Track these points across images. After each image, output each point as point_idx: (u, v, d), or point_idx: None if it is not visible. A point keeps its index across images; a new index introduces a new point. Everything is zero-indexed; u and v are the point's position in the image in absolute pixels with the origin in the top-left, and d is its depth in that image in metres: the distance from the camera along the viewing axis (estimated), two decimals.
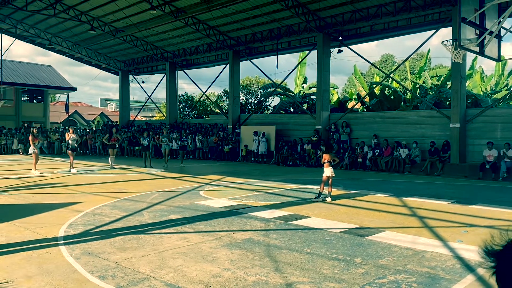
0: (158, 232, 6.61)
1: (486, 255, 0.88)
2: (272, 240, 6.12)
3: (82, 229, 6.70)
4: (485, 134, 16.26)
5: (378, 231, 6.72)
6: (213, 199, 9.79)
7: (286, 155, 20.65)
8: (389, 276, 4.64)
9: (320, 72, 21.00)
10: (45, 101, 36.62)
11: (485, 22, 9.97)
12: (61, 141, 28.11)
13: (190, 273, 4.65)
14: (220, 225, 7.13)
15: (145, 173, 15.77)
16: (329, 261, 5.14)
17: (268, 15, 21.03)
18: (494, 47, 10.46)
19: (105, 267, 4.83)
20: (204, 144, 23.95)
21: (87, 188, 11.47)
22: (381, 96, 24.89)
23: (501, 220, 7.75)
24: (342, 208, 8.81)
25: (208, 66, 29.86)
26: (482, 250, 0.88)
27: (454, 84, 16.87)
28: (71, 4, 23.22)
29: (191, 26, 23.04)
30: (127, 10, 22.92)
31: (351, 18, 19.26)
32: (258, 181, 13.54)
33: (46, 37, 28.83)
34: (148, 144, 18.73)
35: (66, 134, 16.92)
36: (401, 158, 17.32)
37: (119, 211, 8.18)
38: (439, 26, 17.88)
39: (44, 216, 7.77)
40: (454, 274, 4.70)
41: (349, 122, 20.59)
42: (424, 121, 18.40)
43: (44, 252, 5.42)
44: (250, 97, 36.66)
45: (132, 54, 30.75)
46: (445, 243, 6.03)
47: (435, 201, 9.85)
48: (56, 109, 47.23)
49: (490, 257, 0.88)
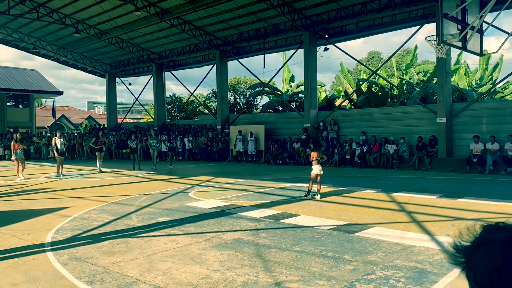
0: (146, 235, 6.57)
1: (455, 251, 0.89)
2: (261, 240, 6.12)
3: (70, 234, 6.63)
4: (471, 128, 16.44)
5: (367, 227, 6.76)
6: (203, 200, 9.76)
7: (276, 154, 20.68)
8: (377, 272, 4.67)
9: (307, 70, 21.05)
10: (31, 106, 36.15)
11: (467, 17, 10.08)
12: (48, 146, 27.79)
13: (179, 276, 4.63)
14: (210, 226, 7.11)
15: (133, 176, 15.67)
16: (318, 259, 5.16)
17: (254, 15, 21.02)
18: (476, 42, 10.59)
19: (93, 272, 4.79)
20: (193, 145, 23.87)
21: (75, 193, 11.36)
22: (368, 93, 25.04)
23: (487, 213, 7.84)
24: (331, 205, 8.85)
25: (195, 67, 29.75)
26: (451, 246, 0.89)
27: (440, 79, 17.03)
28: (54, 7, 22.97)
29: (177, 27, 22.94)
30: (111, 12, 22.73)
31: (337, 16, 19.34)
32: (248, 181, 13.53)
33: (30, 41, 28.48)
34: (136, 146, 18.61)
35: (54, 139, 16.70)
36: (389, 154, 17.45)
37: (107, 215, 8.11)
38: (423, 22, 18.05)
39: (31, 222, 7.68)
40: (442, 267, 4.75)
41: (337, 119, 20.68)
42: (411, 117, 18.55)
43: (30, 259, 5.36)
44: (238, 97, 36.62)
45: (118, 56, 30.51)
46: (432, 237, 6.08)
47: (423, 195, 9.94)
48: (43, 114, 46.68)
49: (460, 253, 0.88)
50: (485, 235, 0.85)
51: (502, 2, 11.96)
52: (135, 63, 30.69)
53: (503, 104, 17.56)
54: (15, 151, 15.12)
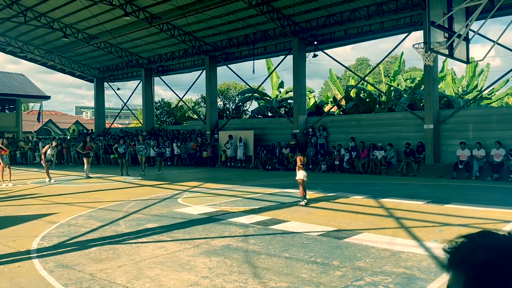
0: (134, 241, 6.51)
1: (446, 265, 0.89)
2: (250, 246, 6.10)
3: (57, 241, 6.54)
4: (458, 135, 16.65)
5: (356, 233, 6.79)
6: (191, 206, 9.71)
7: (265, 159, 20.69)
8: (366, 278, 4.68)
9: (296, 76, 21.16)
10: (17, 111, 35.69)
11: (454, 25, 10.23)
12: (34, 151, 27.44)
13: (167, 283, 4.59)
14: (198, 232, 7.07)
15: (121, 182, 15.53)
16: (307, 265, 5.15)
17: (244, 21, 21.10)
18: (463, 50, 10.75)
19: (80, 280, 4.72)
20: (182, 150, 23.77)
21: (62, 199, 11.22)
22: (357, 99, 25.22)
23: (474, 218, 7.93)
24: (320, 211, 8.87)
25: (184, 72, 29.69)
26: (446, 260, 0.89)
27: (427, 86, 17.24)
28: (42, 11, 22.79)
29: (166, 32, 22.90)
30: (100, 17, 22.62)
31: (325, 22, 19.50)
32: (237, 187, 13.51)
33: (17, 45, 28.18)
34: (124, 151, 18.46)
35: (47, 146, 16.35)
36: (378, 159, 17.57)
37: (95, 221, 8.02)
38: (411, 29, 18.28)
39: (16, 228, 7.56)
40: (430, 273, 4.78)
41: (326, 125, 20.78)
42: (399, 123, 18.73)
43: (16, 266, 5.27)
44: (227, 102, 36.63)
45: (106, 61, 30.33)
46: (421, 243, 6.13)
47: (411, 201, 10.01)
48: (30, 118, 46.06)
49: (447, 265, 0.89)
50: (462, 254, 0.85)
51: (487, 11, 12.19)
52: (123, 68, 30.53)
53: (489, 111, 17.82)
54: (1, 156, 14.86)
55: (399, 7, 17.09)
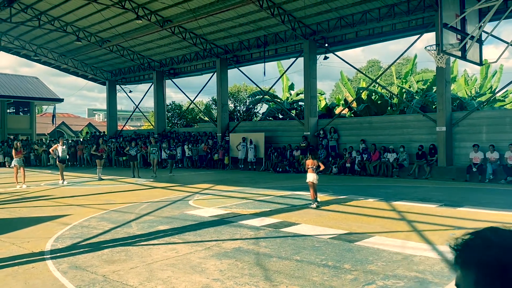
0: (146, 243, 6.55)
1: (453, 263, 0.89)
2: (262, 249, 6.10)
3: (70, 242, 6.61)
4: (471, 137, 16.46)
5: (367, 236, 6.75)
6: (203, 208, 9.75)
7: (276, 161, 20.68)
8: (378, 281, 4.65)
9: (307, 79, 21.12)
10: (31, 113, 36.20)
11: (467, 27, 10.14)
12: (48, 153, 27.77)
13: (179, 285, 4.61)
14: (210, 234, 7.09)
15: (133, 184, 15.65)
16: (318, 268, 5.14)
17: (255, 23, 21.15)
18: (476, 52, 10.64)
19: (92, 281, 4.77)
20: (193, 152, 23.87)
21: (74, 200, 11.34)
22: (368, 101, 25.10)
23: (488, 222, 7.83)
24: (331, 214, 8.83)
25: (195, 75, 29.85)
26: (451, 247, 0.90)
27: (439, 88, 17.09)
28: (56, 16, 23.10)
29: (177, 35, 23.04)
30: (112, 20, 22.86)
31: (336, 24, 19.45)
32: (248, 189, 13.52)
33: (31, 48, 28.59)
34: (136, 154, 18.61)
35: (55, 145, 16.67)
36: (389, 162, 17.45)
37: (107, 223, 8.10)
38: (423, 31, 18.14)
39: (30, 230, 7.66)
40: (442, 277, 4.74)
41: (337, 127, 20.70)
42: (410, 125, 18.58)
43: (30, 267, 5.34)
44: (238, 105, 36.69)
45: (118, 64, 30.62)
46: (433, 247, 6.07)
47: (424, 204, 9.92)
48: (43, 121, 46.70)
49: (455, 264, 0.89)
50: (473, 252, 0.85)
51: (501, 12, 12.04)
52: (135, 71, 30.79)
53: (503, 113, 17.59)
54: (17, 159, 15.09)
55: (411, 8, 16.97)
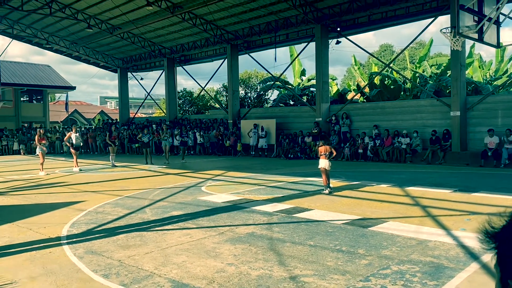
0: (161, 229, 6.61)
1: (486, 238, 0.87)
2: (275, 234, 6.12)
3: (85, 228, 6.70)
4: (486, 122, 16.20)
5: (381, 222, 6.72)
6: (215, 194, 9.79)
7: (287, 148, 20.64)
8: (393, 266, 4.63)
9: (319, 64, 20.91)
10: (44, 101, 36.57)
11: (484, 8, 9.89)
12: (61, 141, 28.10)
13: (193, 269, 4.65)
14: (223, 220, 7.13)
15: (146, 170, 15.77)
16: (332, 253, 5.14)
17: (265, 8, 20.91)
18: (493, 34, 10.39)
19: (108, 266, 4.83)
20: (205, 139, 23.94)
21: (89, 187, 11.47)
22: (381, 86, 24.81)
23: (503, 207, 7.68)
24: (344, 200, 8.81)
25: (206, 61, 29.72)
26: (481, 233, 0.87)
27: (454, 72, 16.79)
28: (67, 3, 23.10)
29: (188, 21, 22.93)
30: (123, 7, 22.80)
31: (349, 8, 19.15)
32: (260, 175, 13.53)
33: (43, 36, 28.72)
34: (148, 141, 18.74)
35: (69, 133, 16.87)
36: (402, 147, 17.29)
37: (122, 209, 8.18)
38: (437, 14, 17.76)
39: (46, 216, 7.78)
40: (458, 262, 4.70)
41: (349, 113, 20.53)
42: (424, 110, 18.33)
43: (47, 252, 5.43)
44: (249, 91, 36.59)
45: (129, 51, 30.64)
46: (448, 232, 6.02)
47: (438, 190, 9.83)
48: (56, 109, 47.19)
49: (490, 239, 0.86)
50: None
51: None
52: (146, 58, 30.80)
53: None
54: (42, 144, 15.36)
55: None
